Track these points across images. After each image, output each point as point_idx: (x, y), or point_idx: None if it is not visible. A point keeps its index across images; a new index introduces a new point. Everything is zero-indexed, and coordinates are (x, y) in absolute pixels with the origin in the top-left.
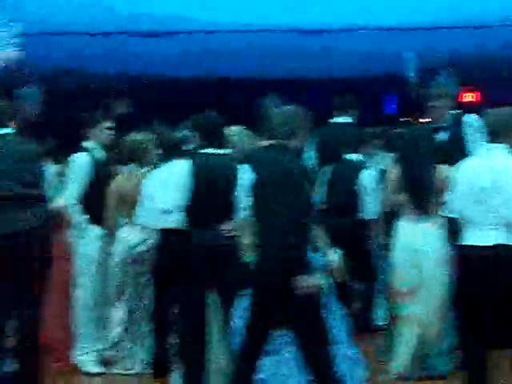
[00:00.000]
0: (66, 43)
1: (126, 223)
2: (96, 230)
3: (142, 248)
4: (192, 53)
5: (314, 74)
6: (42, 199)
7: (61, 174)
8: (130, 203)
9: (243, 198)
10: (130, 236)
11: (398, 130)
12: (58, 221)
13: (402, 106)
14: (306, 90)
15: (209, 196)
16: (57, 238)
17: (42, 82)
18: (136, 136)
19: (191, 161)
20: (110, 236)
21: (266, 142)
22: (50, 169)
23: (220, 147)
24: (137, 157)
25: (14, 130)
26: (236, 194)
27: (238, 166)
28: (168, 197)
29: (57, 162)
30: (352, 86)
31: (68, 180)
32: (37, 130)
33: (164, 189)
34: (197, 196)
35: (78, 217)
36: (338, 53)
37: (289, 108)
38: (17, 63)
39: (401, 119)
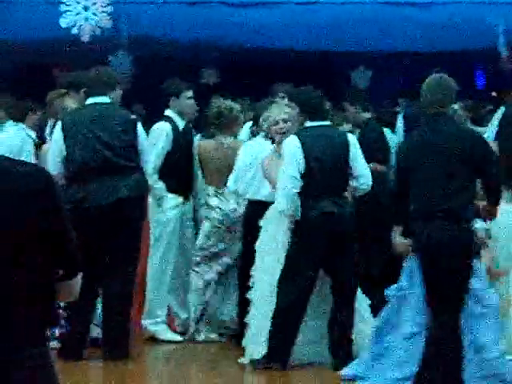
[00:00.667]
0: (156, 11)
1: (216, 192)
2: (174, 199)
3: (234, 215)
4: (288, 24)
5: (406, 47)
6: (135, 169)
7: None
8: (218, 172)
9: (359, 166)
10: (221, 204)
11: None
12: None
13: (491, 81)
14: (401, 64)
15: (326, 167)
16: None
17: (131, 51)
18: (224, 102)
19: (298, 134)
20: (193, 202)
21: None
22: None
23: (324, 119)
24: (224, 124)
25: (111, 99)
26: (353, 162)
27: (348, 136)
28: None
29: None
30: (443, 60)
31: (148, 149)
32: (127, 97)
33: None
34: (313, 167)
35: (157, 185)
36: (427, 26)
37: (442, 76)
38: (108, 31)
39: (492, 94)
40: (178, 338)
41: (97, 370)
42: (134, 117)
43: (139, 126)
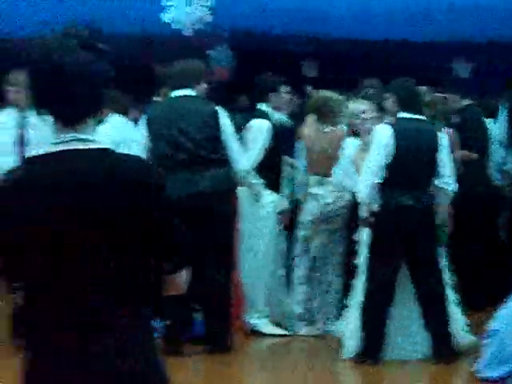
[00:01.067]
0: (257, 5)
1: (318, 182)
2: (271, 195)
3: (335, 206)
4: (385, 14)
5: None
6: (220, 161)
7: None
8: (320, 160)
9: (445, 166)
10: (323, 194)
11: None
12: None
13: None
14: (494, 53)
15: (413, 160)
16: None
17: (231, 44)
18: (323, 92)
19: (392, 124)
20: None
21: None
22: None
23: (418, 113)
24: (322, 113)
25: (197, 93)
26: (439, 160)
27: (440, 134)
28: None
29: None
30: None
31: (247, 144)
32: (229, 91)
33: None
34: (400, 159)
35: (255, 180)
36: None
37: None
38: (208, 25)
39: None
40: (279, 331)
41: (199, 364)
42: (217, 108)
43: (223, 118)
